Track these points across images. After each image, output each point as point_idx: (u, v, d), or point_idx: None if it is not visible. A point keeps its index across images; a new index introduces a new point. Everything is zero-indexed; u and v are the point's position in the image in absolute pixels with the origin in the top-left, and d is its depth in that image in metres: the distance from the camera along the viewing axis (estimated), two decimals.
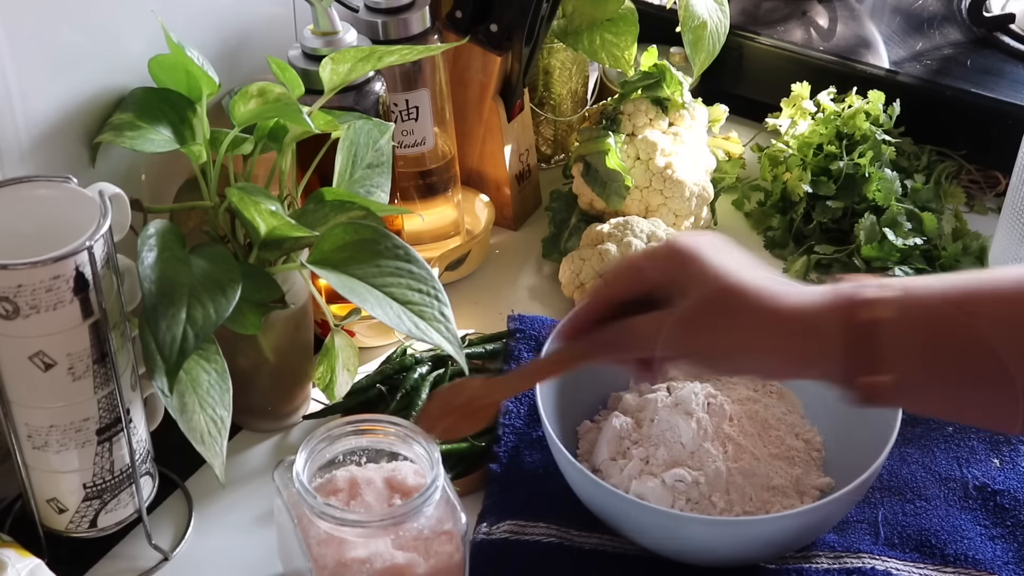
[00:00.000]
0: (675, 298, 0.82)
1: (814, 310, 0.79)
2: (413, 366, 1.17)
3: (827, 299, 0.80)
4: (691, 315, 0.81)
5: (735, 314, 0.80)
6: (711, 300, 0.81)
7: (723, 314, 0.81)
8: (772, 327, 0.80)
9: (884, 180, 1.34)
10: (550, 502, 1.06)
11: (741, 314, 0.80)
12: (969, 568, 1.02)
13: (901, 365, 0.77)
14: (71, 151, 1.06)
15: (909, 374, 0.78)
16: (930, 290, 0.78)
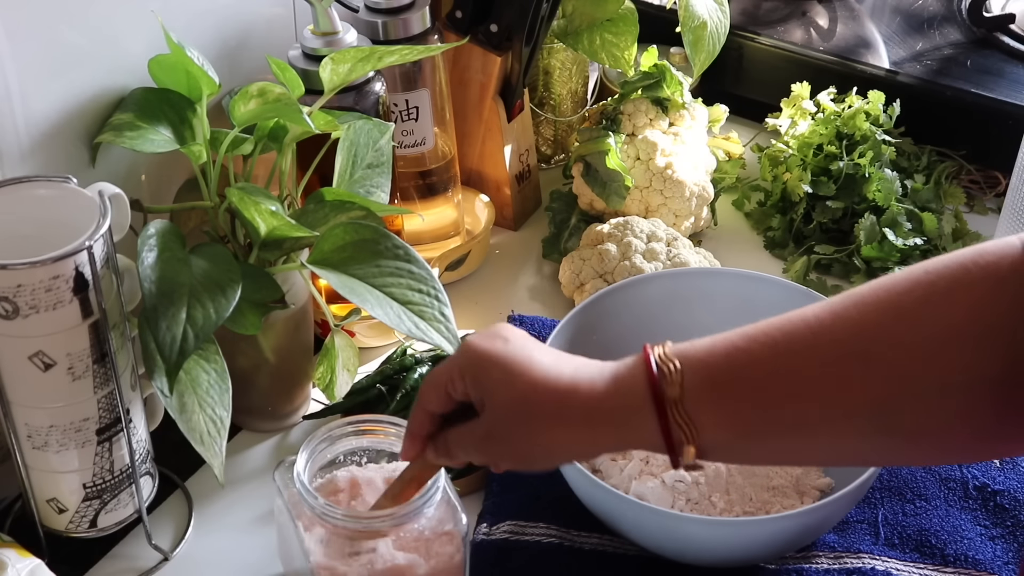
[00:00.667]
0: (482, 409, 0.82)
1: (610, 393, 0.78)
2: (413, 366, 1.17)
3: (620, 377, 0.79)
4: (491, 430, 0.81)
5: (530, 420, 0.80)
6: (505, 412, 0.80)
7: (519, 423, 0.80)
8: (573, 423, 0.79)
9: (884, 180, 1.34)
10: (550, 502, 1.06)
11: (535, 419, 0.79)
12: (969, 568, 1.02)
13: (713, 426, 0.75)
14: (71, 151, 1.06)
15: (725, 434, 0.76)
16: (713, 350, 0.77)
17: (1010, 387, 0.70)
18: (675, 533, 0.98)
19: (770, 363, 0.75)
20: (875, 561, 1.03)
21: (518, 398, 0.79)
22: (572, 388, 0.79)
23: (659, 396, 0.76)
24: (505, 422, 0.80)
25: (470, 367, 0.81)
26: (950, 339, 0.71)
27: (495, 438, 0.81)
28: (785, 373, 0.74)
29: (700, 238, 1.41)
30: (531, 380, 0.79)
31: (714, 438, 0.75)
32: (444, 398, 0.84)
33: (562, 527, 1.05)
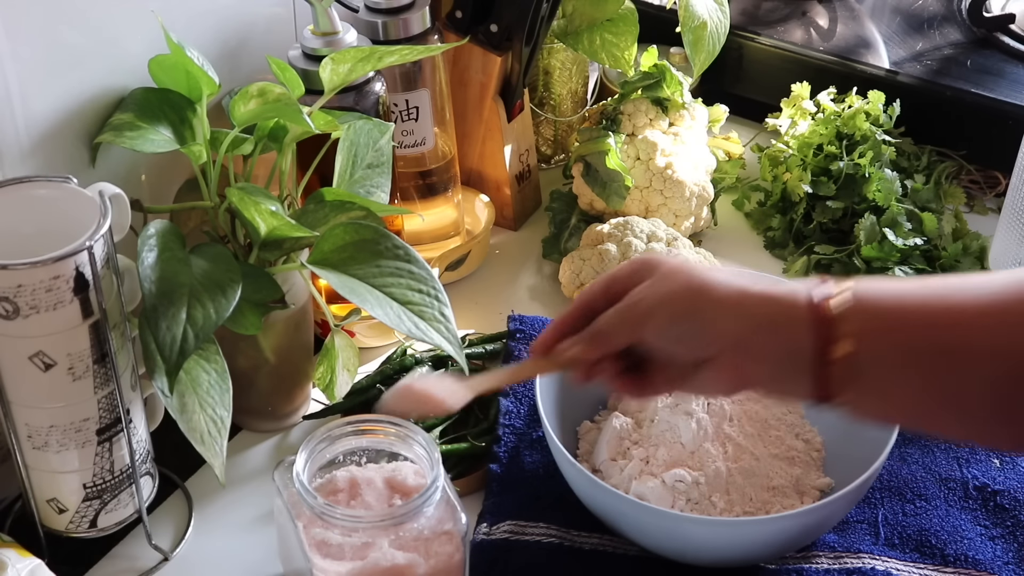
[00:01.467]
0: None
1: (782, 303, 0.80)
2: (413, 366, 1.17)
3: (796, 296, 0.80)
4: (656, 301, 0.83)
5: (699, 304, 0.82)
6: (676, 290, 0.82)
7: (688, 302, 0.82)
8: (737, 317, 0.81)
9: (884, 180, 1.34)
10: (550, 502, 1.06)
11: (705, 303, 0.81)
12: (969, 568, 1.02)
13: (871, 373, 0.77)
14: (71, 151, 1.06)
15: (879, 380, 0.78)
16: (904, 298, 0.78)
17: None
18: (675, 533, 0.98)
19: (947, 336, 0.76)
20: (875, 561, 1.03)
21: (695, 281, 0.82)
22: (750, 286, 0.81)
23: (828, 355, 0.77)
24: (674, 299, 0.82)
25: (646, 260, 0.85)
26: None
27: (657, 311, 0.82)
28: (956, 350, 0.76)
29: (700, 238, 1.41)
30: (708, 272, 0.83)
31: (863, 402, 0.79)
32: (605, 286, 0.86)
33: (562, 527, 1.05)
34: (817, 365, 0.78)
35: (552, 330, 0.90)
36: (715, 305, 0.81)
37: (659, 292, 0.83)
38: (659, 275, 0.84)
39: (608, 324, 0.86)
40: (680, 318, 0.82)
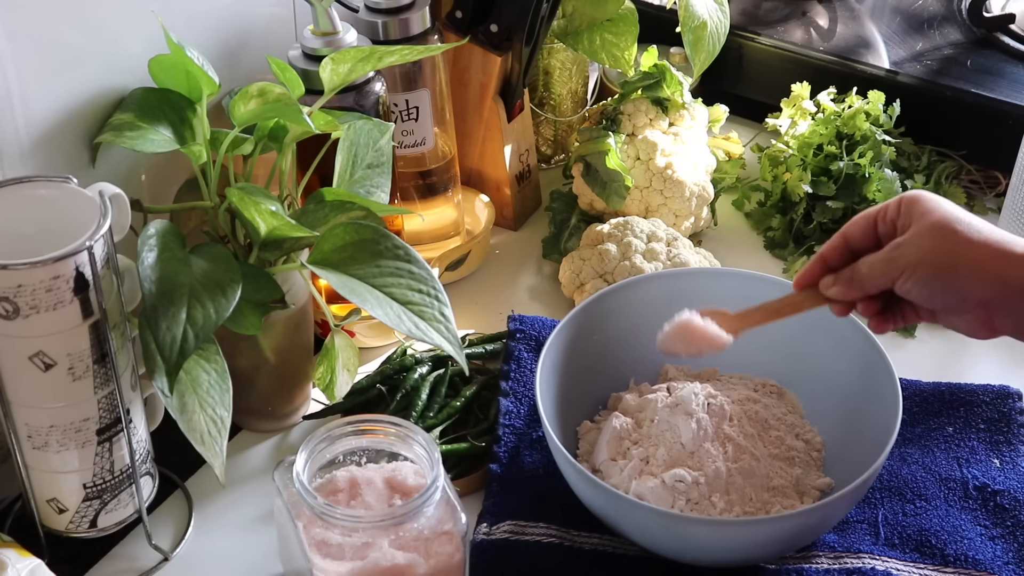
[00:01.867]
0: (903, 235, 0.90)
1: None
2: (413, 366, 1.17)
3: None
4: (916, 257, 0.89)
5: (956, 264, 0.88)
6: (937, 247, 0.88)
7: (946, 260, 0.88)
8: (992, 279, 0.87)
9: (884, 180, 1.34)
10: (550, 502, 1.06)
11: (962, 264, 0.88)
12: (969, 568, 1.02)
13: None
14: (71, 151, 1.06)
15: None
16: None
17: None
18: (675, 533, 0.98)
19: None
20: (875, 561, 1.03)
21: (950, 223, 0.88)
22: (1012, 243, 0.87)
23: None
24: (933, 232, 0.88)
25: (908, 197, 0.90)
26: None
27: (918, 246, 0.89)
28: None
29: (700, 238, 1.41)
30: (967, 217, 0.88)
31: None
32: (866, 224, 0.93)
33: (562, 527, 1.05)
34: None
35: (815, 263, 0.97)
36: (971, 267, 0.87)
37: (920, 247, 0.89)
38: (923, 227, 0.89)
39: (869, 271, 0.92)
40: (937, 277, 0.89)
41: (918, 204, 0.91)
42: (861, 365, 1.08)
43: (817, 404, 1.12)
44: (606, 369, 1.15)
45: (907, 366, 1.17)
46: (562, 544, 1.04)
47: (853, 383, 1.09)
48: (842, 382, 1.10)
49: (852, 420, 1.08)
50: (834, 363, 1.11)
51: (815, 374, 1.12)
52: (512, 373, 1.17)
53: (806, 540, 1.02)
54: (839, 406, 1.10)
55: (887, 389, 1.04)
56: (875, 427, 1.03)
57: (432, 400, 1.15)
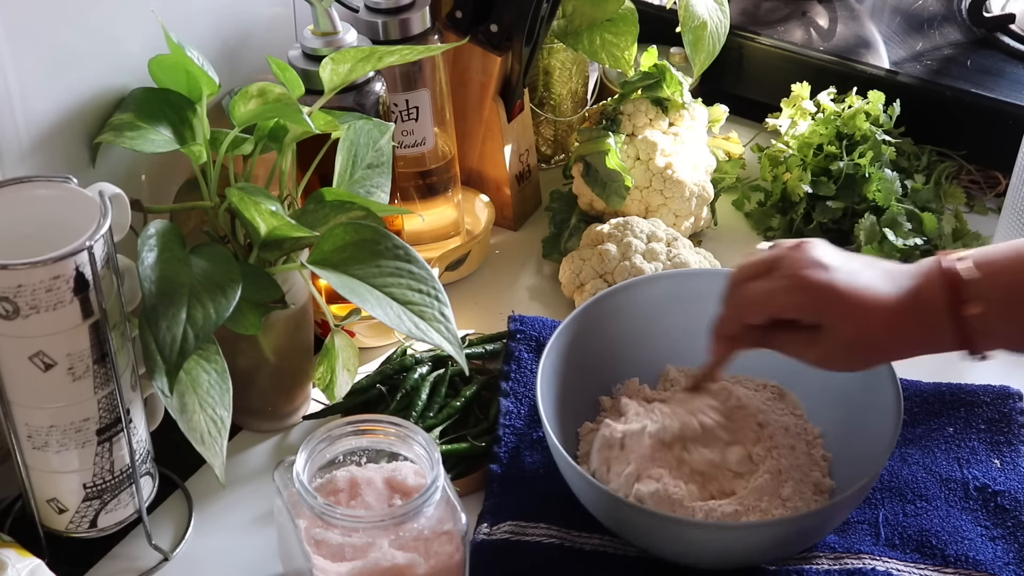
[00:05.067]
0: (817, 330, 0.92)
1: (911, 301, 0.89)
2: (413, 366, 1.17)
3: (923, 285, 0.90)
4: (829, 354, 0.92)
5: (869, 349, 0.92)
6: (846, 344, 0.91)
7: (857, 351, 0.92)
8: (902, 345, 0.92)
9: (884, 180, 1.34)
10: (550, 503, 1.06)
11: (874, 348, 0.92)
12: (969, 569, 1.02)
13: (1006, 333, 0.89)
14: (71, 151, 1.06)
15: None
16: (1002, 256, 0.89)
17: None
18: (675, 536, 0.98)
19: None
20: (875, 562, 1.02)
21: (856, 334, 0.90)
22: (897, 314, 0.89)
23: (961, 314, 0.88)
24: (843, 352, 0.92)
25: (809, 304, 0.91)
26: None
27: (829, 358, 0.93)
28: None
29: (700, 238, 1.41)
30: (864, 313, 0.89)
31: (1008, 342, 0.90)
32: (768, 318, 0.93)
33: (563, 527, 1.05)
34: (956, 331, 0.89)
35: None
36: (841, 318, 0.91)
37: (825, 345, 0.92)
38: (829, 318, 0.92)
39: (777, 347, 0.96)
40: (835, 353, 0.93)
41: (823, 310, 0.91)
42: None
43: (818, 405, 1.12)
44: (607, 370, 1.15)
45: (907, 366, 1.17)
46: (562, 544, 1.04)
47: (854, 384, 1.09)
48: (843, 383, 1.09)
49: (853, 421, 1.08)
50: None
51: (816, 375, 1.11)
52: (512, 373, 1.17)
53: (808, 543, 1.02)
54: (840, 407, 1.10)
55: (888, 390, 1.04)
56: (876, 428, 1.03)
57: (432, 400, 1.15)
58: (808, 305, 0.91)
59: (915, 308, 0.89)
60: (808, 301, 0.91)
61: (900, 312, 0.89)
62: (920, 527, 1.06)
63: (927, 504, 1.07)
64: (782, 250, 0.93)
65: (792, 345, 0.94)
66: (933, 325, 0.89)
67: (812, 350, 0.92)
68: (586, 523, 1.04)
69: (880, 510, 1.07)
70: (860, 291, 0.90)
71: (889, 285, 0.90)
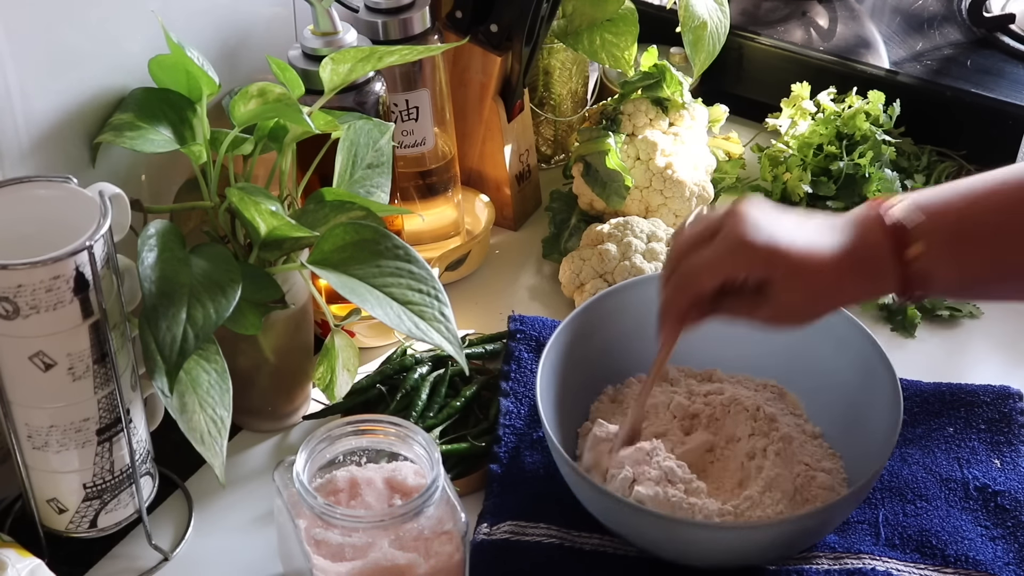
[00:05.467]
0: (762, 292, 0.92)
1: (865, 259, 0.90)
2: (413, 366, 1.17)
3: (864, 232, 0.90)
4: (776, 315, 0.93)
5: (815, 304, 0.93)
6: (791, 304, 0.92)
7: (804, 307, 0.93)
8: (845, 295, 0.93)
9: (884, 180, 1.34)
10: (550, 503, 1.06)
11: (819, 301, 0.93)
12: (969, 569, 1.02)
13: (946, 276, 0.89)
14: (71, 151, 1.06)
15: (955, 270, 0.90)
16: (943, 197, 0.90)
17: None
18: (676, 536, 0.98)
19: (1006, 217, 0.88)
20: (875, 562, 1.02)
21: (803, 287, 0.91)
22: (839, 262, 0.90)
23: (904, 257, 0.89)
24: (793, 306, 0.92)
25: (753, 264, 0.91)
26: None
27: (780, 317, 0.93)
28: (1018, 236, 0.88)
29: None
30: (807, 266, 0.90)
31: (945, 284, 0.90)
32: (716, 284, 0.93)
33: (562, 527, 1.05)
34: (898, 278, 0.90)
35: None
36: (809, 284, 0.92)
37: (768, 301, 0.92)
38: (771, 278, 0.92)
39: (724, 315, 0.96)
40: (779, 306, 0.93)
41: (770, 273, 0.92)
42: (861, 366, 1.08)
43: (818, 405, 1.12)
44: (607, 370, 1.15)
45: (907, 366, 1.17)
46: (562, 544, 1.04)
47: (854, 384, 1.09)
48: (843, 383, 1.10)
49: (852, 421, 1.08)
50: (835, 364, 1.10)
51: (816, 375, 1.12)
52: (512, 373, 1.17)
53: (808, 543, 1.02)
54: (840, 407, 1.10)
55: (888, 390, 1.04)
56: (876, 428, 1.03)
57: (432, 400, 1.15)
58: (753, 265, 0.91)
59: (858, 256, 0.90)
60: (753, 261, 0.91)
61: (844, 262, 0.90)
62: (920, 527, 1.05)
63: (927, 504, 1.07)
64: (718, 217, 0.93)
65: (741, 309, 0.94)
66: (877, 271, 0.90)
67: (761, 310, 0.92)
68: (586, 523, 1.04)
69: (880, 510, 1.07)
70: (802, 246, 0.90)
71: (829, 237, 0.91)
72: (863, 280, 0.91)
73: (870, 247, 0.90)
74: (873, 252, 0.90)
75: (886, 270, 0.90)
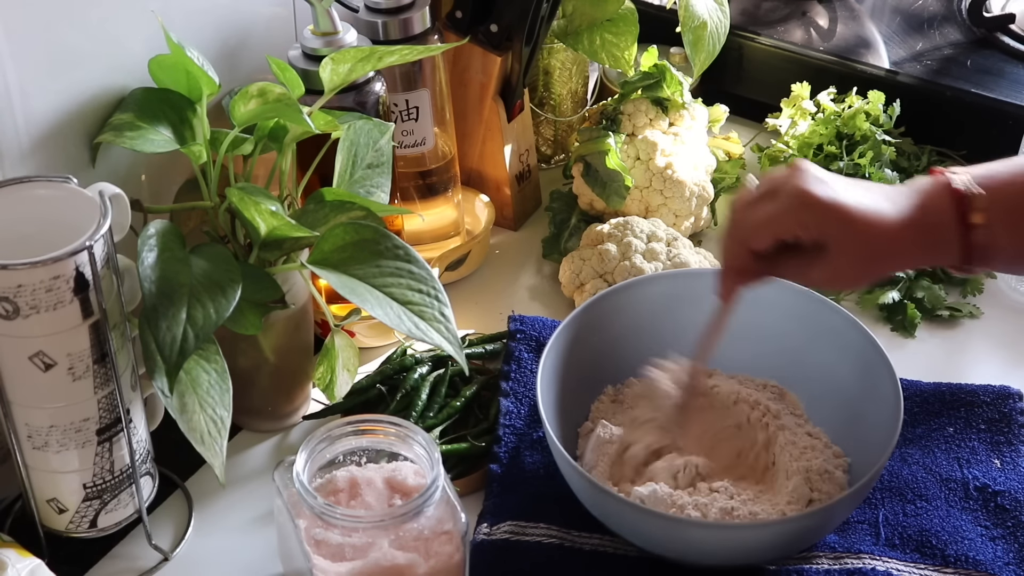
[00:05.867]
0: (821, 250, 0.92)
1: (927, 226, 0.91)
2: (413, 366, 1.17)
3: (931, 209, 0.91)
4: (835, 275, 0.93)
5: (871, 263, 0.92)
6: (850, 261, 0.92)
7: (862, 266, 0.92)
8: (903, 256, 0.93)
9: (884, 180, 1.34)
10: (550, 503, 1.06)
11: (876, 261, 0.92)
12: (969, 569, 1.02)
13: (1006, 246, 0.91)
14: (71, 151, 1.06)
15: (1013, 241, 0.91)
16: (1002, 172, 0.92)
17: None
18: (676, 536, 0.98)
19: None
20: (875, 561, 1.02)
21: (862, 249, 0.91)
22: (902, 228, 0.91)
23: (967, 227, 0.90)
24: (849, 268, 0.92)
25: (814, 221, 0.91)
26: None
27: (835, 278, 0.93)
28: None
29: (700, 238, 1.41)
30: (869, 228, 0.90)
31: (1005, 255, 0.91)
32: (774, 239, 0.92)
33: (563, 527, 1.05)
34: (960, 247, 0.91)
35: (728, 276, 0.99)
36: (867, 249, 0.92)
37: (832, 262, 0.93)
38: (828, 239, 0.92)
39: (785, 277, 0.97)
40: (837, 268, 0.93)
41: (826, 228, 0.92)
42: (862, 366, 1.08)
43: (818, 405, 1.12)
44: (607, 370, 1.15)
45: (907, 366, 1.17)
46: (562, 544, 1.04)
47: (854, 384, 1.09)
48: (843, 383, 1.10)
49: (853, 421, 1.08)
50: (835, 364, 1.10)
51: (816, 375, 1.12)
52: (512, 373, 1.17)
53: (808, 543, 1.02)
54: (840, 407, 1.10)
55: (888, 390, 1.04)
56: (876, 428, 1.03)
57: (432, 400, 1.15)
58: (814, 223, 0.91)
59: (921, 222, 0.91)
60: (814, 219, 0.91)
61: (907, 227, 0.91)
62: (920, 527, 1.06)
63: (927, 504, 1.07)
64: (780, 176, 0.93)
65: (797, 268, 0.94)
66: (939, 239, 0.91)
67: (817, 270, 0.92)
68: (586, 523, 1.04)
69: (880, 510, 1.07)
70: (865, 207, 0.91)
71: (893, 201, 0.91)
72: (923, 247, 0.92)
73: (935, 214, 0.91)
74: (938, 219, 0.91)
75: (949, 239, 0.91)
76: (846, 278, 0.94)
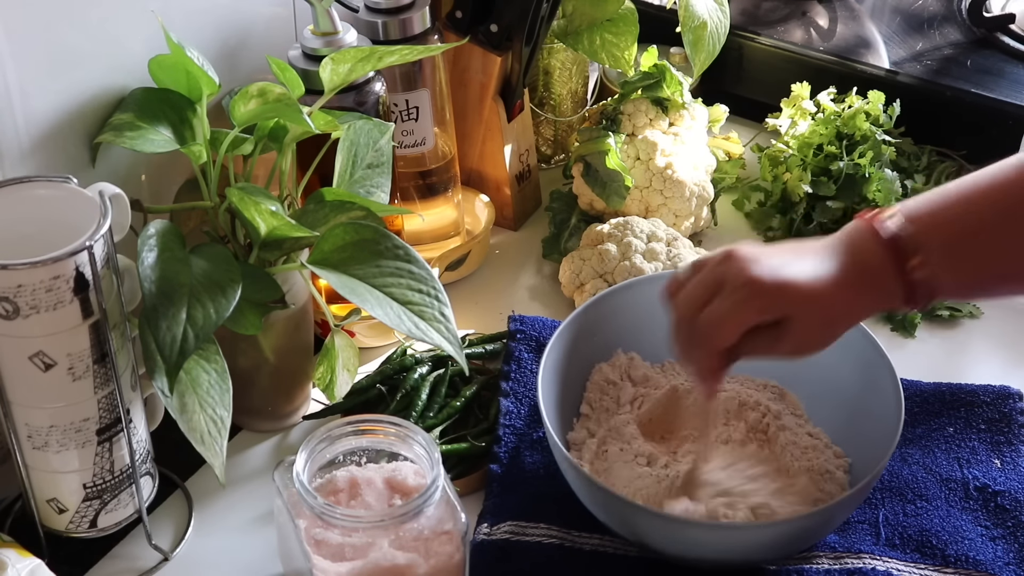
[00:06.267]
0: (781, 327, 0.92)
1: (858, 272, 0.91)
2: (413, 366, 1.17)
3: (862, 253, 0.92)
4: (798, 348, 0.94)
5: (832, 330, 0.94)
6: (811, 335, 0.93)
7: (822, 336, 0.94)
8: (857, 316, 0.95)
9: (884, 180, 1.34)
10: (550, 503, 1.06)
11: (836, 327, 0.94)
12: (969, 569, 1.02)
13: (948, 284, 0.91)
14: (71, 151, 1.06)
15: (957, 273, 0.91)
16: (936, 203, 0.92)
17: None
18: (676, 536, 0.98)
19: (999, 217, 0.90)
20: (876, 561, 1.02)
21: (820, 316, 0.92)
22: (847, 287, 0.91)
23: (906, 269, 0.90)
24: (813, 336, 0.94)
25: (772, 305, 0.91)
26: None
27: (801, 347, 0.94)
28: (1015, 234, 0.90)
29: (700, 238, 1.41)
30: (820, 297, 0.91)
31: (949, 290, 0.92)
32: (738, 334, 0.92)
33: (563, 527, 1.05)
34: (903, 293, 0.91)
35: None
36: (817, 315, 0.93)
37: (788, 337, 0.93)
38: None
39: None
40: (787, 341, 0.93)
41: (786, 309, 0.92)
42: (862, 366, 1.08)
43: (818, 405, 1.12)
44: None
45: (907, 366, 1.17)
46: (562, 544, 1.04)
47: (854, 384, 1.09)
48: (843, 383, 1.10)
49: (853, 421, 1.08)
50: (835, 364, 1.10)
51: (816, 375, 1.12)
52: (512, 373, 1.17)
53: (808, 543, 1.02)
54: (840, 407, 1.10)
55: (888, 390, 1.04)
56: (877, 428, 1.03)
57: (432, 400, 1.15)
58: (772, 307, 0.91)
59: (862, 275, 0.91)
60: (771, 303, 0.91)
61: (851, 284, 0.91)
62: (920, 527, 1.05)
63: (927, 504, 1.07)
64: (714, 266, 0.93)
65: (763, 346, 0.93)
66: (882, 286, 0.91)
67: (783, 344, 0.93)
68: (586, 523, 1.04)
69: (880, 510, 1.07)
70: (809, 277, 0.91)
71: (829, 262, 0.92)
72: (872, 297, 0.93)
73: (871, 264, 0.91)
74: (875, 269, 0.91)
75: (890, 284, 0.91)
76: (812, 345, 0.94)
